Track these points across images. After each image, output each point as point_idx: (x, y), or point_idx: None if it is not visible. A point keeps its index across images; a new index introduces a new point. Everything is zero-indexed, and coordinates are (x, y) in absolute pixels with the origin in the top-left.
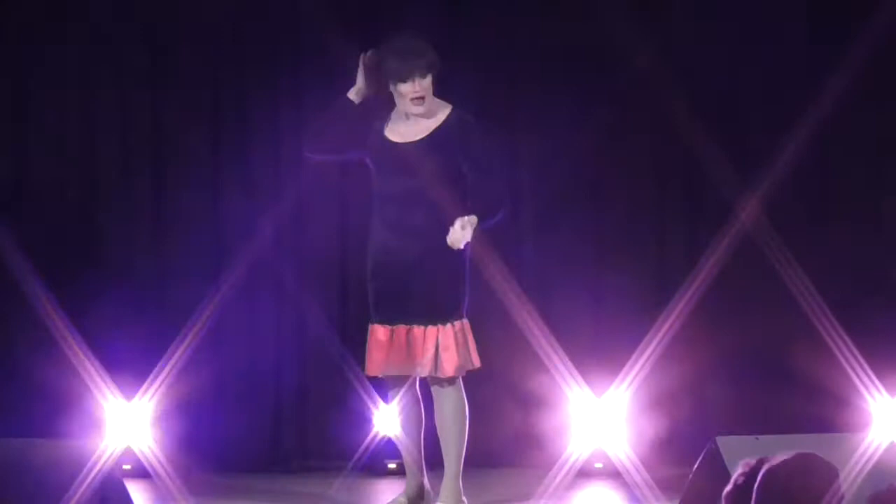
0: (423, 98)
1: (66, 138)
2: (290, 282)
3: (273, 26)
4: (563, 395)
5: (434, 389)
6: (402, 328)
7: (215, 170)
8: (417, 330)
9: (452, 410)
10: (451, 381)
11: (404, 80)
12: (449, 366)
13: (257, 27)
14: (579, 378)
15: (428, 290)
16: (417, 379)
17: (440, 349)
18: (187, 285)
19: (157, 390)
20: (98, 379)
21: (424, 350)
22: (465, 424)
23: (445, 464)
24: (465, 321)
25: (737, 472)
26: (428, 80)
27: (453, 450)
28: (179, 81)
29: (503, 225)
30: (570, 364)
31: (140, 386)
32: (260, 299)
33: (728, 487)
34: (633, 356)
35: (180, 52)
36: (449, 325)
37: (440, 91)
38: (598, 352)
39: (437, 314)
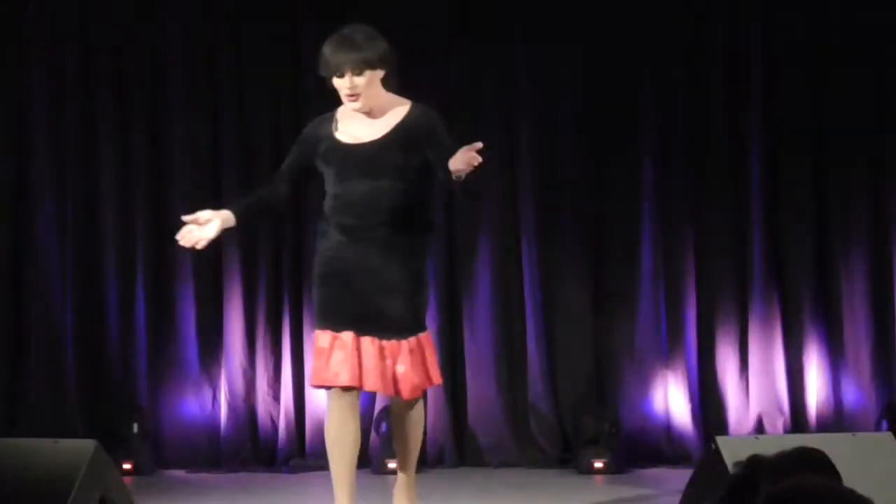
0: (357, 95)
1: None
2: (289, 282)
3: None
4: (563, 395)
5: (393, 405)
6: (350, 335)
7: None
8: (372, 341)
9: (413, 423)
10: (412, 400)
11: (335, 75)
12: (405, 387)
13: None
14: (578, 378)
15: (386, 302)
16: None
17: (396, 367)
18: (187, 285)
19: (157, 390)
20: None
21: (378, 365)
22: (421, 433)
23: (402, 480)
24: (426, 334)
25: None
26: (364, 79)
27: (411, 457)
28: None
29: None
30: (569, 363)
31: (141, 386)
32: (260, 299)
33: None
34: (633, 356)
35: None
36: (405, 342)
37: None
38: (598, 351)
39: (395, 328)
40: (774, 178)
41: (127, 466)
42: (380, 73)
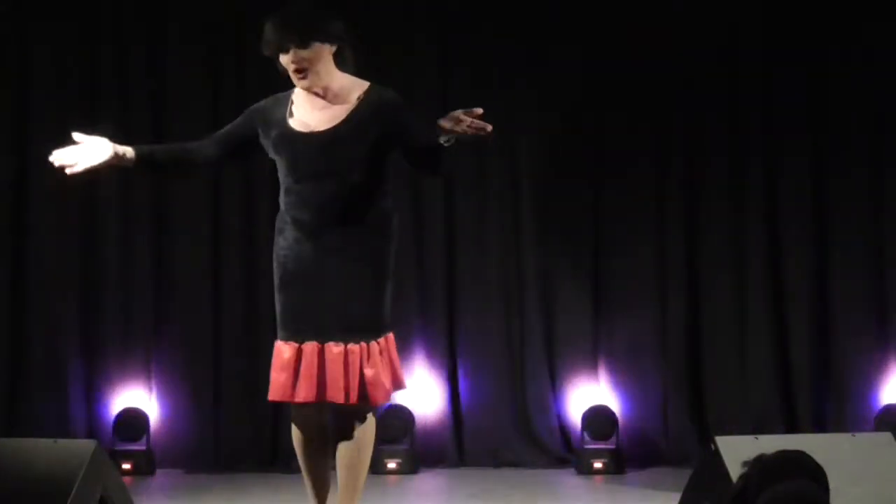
0: (305, 71)
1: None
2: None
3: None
4: (563, 395)
5: (344, 415)
6: (313, 346)
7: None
8: (335, 347)
9: (366, 440)
10: (367, 413)
11: (280, 53)
12: (376, 392)
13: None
14: (579, 378)
15: (347, 304)
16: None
17: (364, 371)
18: (187, 285)
19: (157, 390)
20: (98, 379)
21: (343, 374)
22: (369, 458)
23: (343, 495)
24: (391, 335)
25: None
26: (311, 51)
27: (358, 482)
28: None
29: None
30: (569, 363)
31: (140, 386)
32: (260, 299)
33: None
34: (633, 355)
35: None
36: (374, 344)
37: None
38: (599, 351)
39: (358, 330)
40: (774, 177)
41: (127, 466)
42: (330, 48)
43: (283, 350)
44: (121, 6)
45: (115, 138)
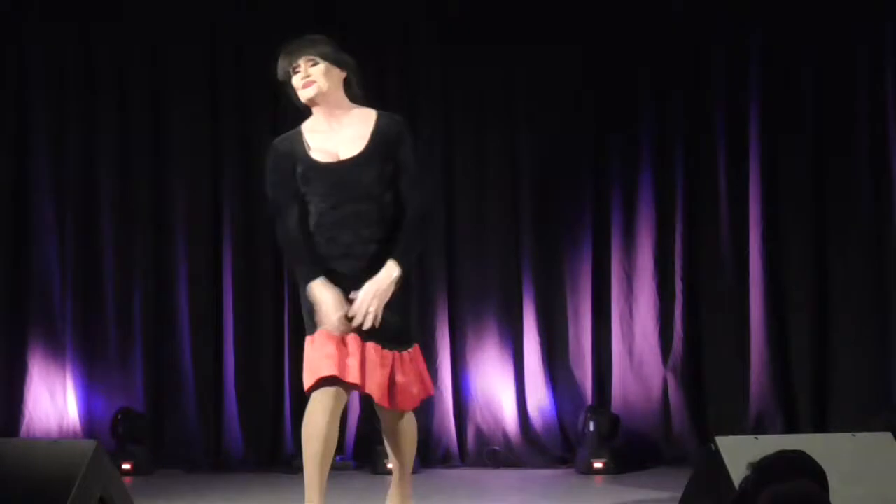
0: (312, 83)
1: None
2: (289, 283)
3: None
4: (563, 396)
5: (388, 416)
6: (355, 336)
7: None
8: (375, 348)
9: (408, 435)
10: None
11: (291, 72)
12: (404, 398)
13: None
14: (578, 378)
15: (383, 315)
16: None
17: (396, 377)
18: (187, 285)
19: (157, 390)
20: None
21: (380, 373)
22: (415, 439)
23: (399, 489)
24: (417, 347)
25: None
26: (320, 68)
27: (407, 460)
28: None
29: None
30: (569, 364)
31: (140, 386)
32: (260, 299)
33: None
34: (633, 356)
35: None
36: (406, 353)
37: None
38: (598, 351)
39: (393, 339)
40: (773, 177)
41: (127, 466)
42: (339, 73)
43: (325, 337)
44: (120, 6)
45: (115, 138)
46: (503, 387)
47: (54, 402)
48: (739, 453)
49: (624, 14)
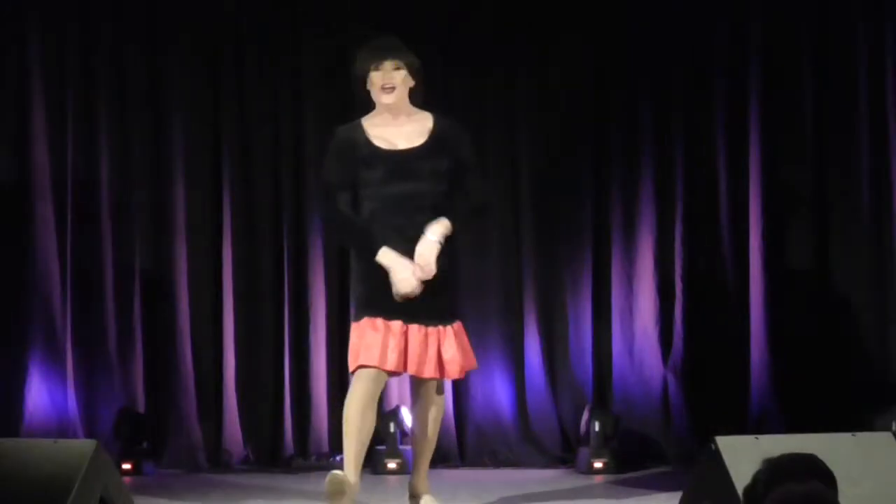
0: (393, 88)
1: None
2: (291, 282)
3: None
4: (563, 395)
5: (424, 390)
6: (398, 323)
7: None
8: (419, 329)
9: (437, 413)
10: (442, 385)
11: (374, 69)
12: (452, 368)
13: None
14: (578, 378)
15: (432, 295)
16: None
17: (442, 350)
18: (187, 284)
19: (157, 390)
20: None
21: (423, 351)
22: (441, 421)
23: (420, 462)
24: (459, 323)
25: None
26: (402, 74)
27: (431, 449)
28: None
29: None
30: (569, 363)
31: (140, 386)
32: (261, 299)
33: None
34: (633, 356)
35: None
36: (450, 327)
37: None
38: (598, 351)
39: (439, 316)
40: (773, 177)
41: (127, 466)
42: (411, 82)
43: (375, 324)
44: (121, 5)
45: (116, 138)
46: (503, 387)
47: (54, 402)
48: (739, 453)
49: (624, 14)
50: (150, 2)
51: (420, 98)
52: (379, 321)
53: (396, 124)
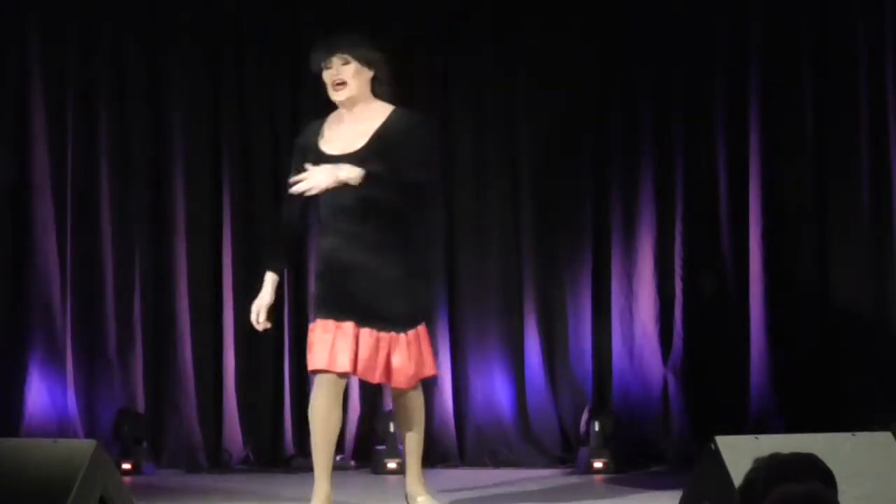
0: (343, 83)
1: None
2: (289, 282)
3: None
4: (563, 395)
5: (393, 392)
6: (350, 324)
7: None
8: (370, 333)
9: (416, 410)
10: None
11: (325, 68)
12: (399, 378)
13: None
14: (578, 377)
15: (384, 301)
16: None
17: (392, 359)
18: (187, 284)
19: (157, 390)
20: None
21: (372, 356)
22: (422, 417)
23: (411, 462)
24: (423, 327)
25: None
26: (351, 68)
27: (418, 448)
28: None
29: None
30: (569, 363)
31: (140, 386)
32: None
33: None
34: (633, 355)
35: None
36: (403, 335)
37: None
38: (598, 351)
39: (392, 322)
40: (773, 177)
41: (127, 466)
42: (367, 73)
43: (324, 326)
44: (121, 6)
45: (115, 138)
46: (503, 387)
47: (54, 402)
48: (739, 453)
49: (624, 13)
50: (150, 2)
51: (389, 89)
52: (330, 322)
53: (352, 121)
